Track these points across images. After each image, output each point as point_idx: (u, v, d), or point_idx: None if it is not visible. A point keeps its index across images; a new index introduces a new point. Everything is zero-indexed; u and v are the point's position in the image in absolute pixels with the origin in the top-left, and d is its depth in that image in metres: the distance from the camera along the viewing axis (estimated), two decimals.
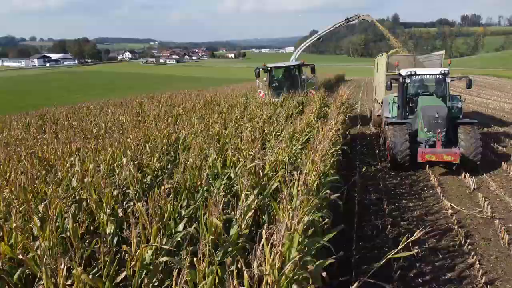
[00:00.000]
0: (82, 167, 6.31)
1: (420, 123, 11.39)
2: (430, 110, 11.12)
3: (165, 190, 4.38)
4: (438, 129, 10.89)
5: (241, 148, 7.34)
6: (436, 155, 10.72)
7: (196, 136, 9.19)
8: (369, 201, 9.70)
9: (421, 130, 11.36)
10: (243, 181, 4.52)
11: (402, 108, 12.57)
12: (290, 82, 18.57)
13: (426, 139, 11.17)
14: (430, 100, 11.74)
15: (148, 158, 6.71)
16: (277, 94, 17.68)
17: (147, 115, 13.64)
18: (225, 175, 6.08)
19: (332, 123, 8.76)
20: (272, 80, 18.88)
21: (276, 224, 3.57)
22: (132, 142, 8.39)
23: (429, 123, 11.05)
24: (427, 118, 11.09)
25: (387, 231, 7.93)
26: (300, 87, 18.25)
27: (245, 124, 10.09)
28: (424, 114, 11.18)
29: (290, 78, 18.88)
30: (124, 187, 5.37)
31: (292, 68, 18.91)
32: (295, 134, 8.24)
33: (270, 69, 18.64)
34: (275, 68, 18.95)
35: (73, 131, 11.43)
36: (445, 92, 12.49)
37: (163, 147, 8.12)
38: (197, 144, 7.23)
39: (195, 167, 5.56)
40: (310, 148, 6.14)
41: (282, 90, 17.91)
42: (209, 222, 3.67)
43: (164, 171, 7.19)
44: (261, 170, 5.21)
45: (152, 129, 9.43)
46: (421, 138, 11.41)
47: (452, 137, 11.35)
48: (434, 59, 17.22)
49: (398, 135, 11.11)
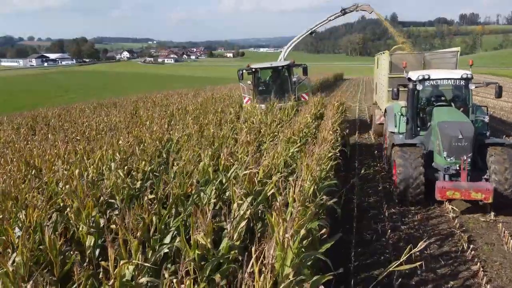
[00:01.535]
0: (68, 171, 6.01)
1: (437, 144, 8.76)
2: (451, 128, 8.38)
3: (148, 202, 4.07)
4: (463, 156, 8.24)
5: (236, 151, 7.05)
6: (461, 192, 7.95)
7: (189, 137, 8.91)
8: (368, 204, 9.43)
9: (438, 154, 8.69)
10: (236, 189, 4.22)
11: (412, 123, 9.86)
12: (279, 85, 16.21)
13: (446, 166, 8.50)
14: (449, 113, 9.04)
15: (138, 161, 6.41)
16: (263, 99, 15.48)
17: (141, 115, 13.34)
18: (218, 179, 5.80)
19: (329, 124, 8.47)
20: (258, 83, 16.49)
21: (269, 238, 3.29)
22: (123, 144, 8.12)
23: (450, 146, 8.36)
24: (447, 139, 8.39)
25: (387, 236, 7.65)
26: (290, 90, 15.88)
27: (241, 125, 9.81)
28: (443, 133, 8.46)
29: (278, 80, 16.41)
30: (109, 194, 5.08)
31: (281, 69, 16.29)
32: (292, 136, 7.95)
33: (255, 71, 16.09)
34: (261, 69, 16.44)
35: (64, 133, 11.14)
36: (467, 102, 9.77)
37: (155, 149, 7.83)
38: (190, 147, 6.94)
39: (185, 173, 5.26)
40: (306, 152, 5.84)
41: (269, 95, 15.69)
42: (193, 240, 3.36)
43: (156, 174, 6.92)
44: (255, 177, 4.91)
45: (144, 130, 9.13)
46: (438, 164, 8.77)
47: (477, 161, 8.72)
48: (447, 58, 14.24)
49: (410, 164, 8.52)
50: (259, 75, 16.49)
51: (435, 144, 8.83)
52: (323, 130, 8.16)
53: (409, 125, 9.90)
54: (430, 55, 14.46)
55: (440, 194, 8.07)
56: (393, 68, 13.78)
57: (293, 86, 15.98)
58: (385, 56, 14.85)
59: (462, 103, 9.84)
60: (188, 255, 3.27)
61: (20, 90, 68.13)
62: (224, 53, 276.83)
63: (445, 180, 8.48)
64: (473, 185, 8.09)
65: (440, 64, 13.64)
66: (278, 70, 16.39)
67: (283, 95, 15.62)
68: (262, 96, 15.82)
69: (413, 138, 9.79)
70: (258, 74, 16.32)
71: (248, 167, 5.11)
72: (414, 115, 9.92)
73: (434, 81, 9.61)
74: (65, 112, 17.42)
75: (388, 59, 14.00)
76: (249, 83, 16.44)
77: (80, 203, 4.43)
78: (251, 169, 4.87)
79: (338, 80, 66.96)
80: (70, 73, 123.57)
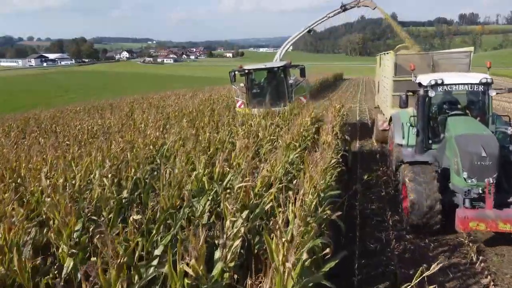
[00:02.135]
0: (53, 180, 5.63)
1: (454, 162, 7.34)
2: (472, 144, 7.01)
3: (133, 223, 3.69)
4: (487, 177, 6.82)
5: (232, 158, 6.68)
6: (486, 223, 6.68)
7: (184, 141, 8.53)
8: (371, 211, 9.07)
9: (456, 174, 7.26)
10: (228, 205, 3.84)
11: (423, 135, 8.45)
12: (274, 88, 14.92)
13: (466, 189, 7.09)
14: (467, 125, 7.75)
15: (128, 168, 6.03)
16: (258, 103, 14.28)
17: (136, 118, 12.95)
18: (213, 189, 5.42)
19: (330, 128, 8.08)
20: (252, 85, 15.10)
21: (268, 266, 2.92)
22: (115, 149, 7.74)
23: (471, 166, 6.96)
24: (467, 157, 7.00)
25: (392, 246, 7.30)
26: (286, 94, 14.67)
27: (237, 129, 9.43)
28: (463, 149, 7.09)
29: (273, 83, 15.07)
30: (94, 207, 4.71)
31: (276, 70, 14.92)
32: (292, 142, 7.58)
33: (248, 72, 14.74)
34: (255, 71, 15.10)
35: (56, 136, 10.76)
36: (487, 110, 8.44)
37: (147, 154, 7.46)
38: (184, 153, 6.55)
39: (176, 182, 4.87)
40: (307, 160, 5.46)
41: (264, 98, 14.45)
42: (179, 270, 2.98)
43: (146, 181, 6.55)
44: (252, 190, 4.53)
45: (137, 135, 8.74)
46: (456, 186, 7.34)
47: (501, 182, 7.26)
48: (458, 59, 12.61)
49: (424, 189, 7.21)
50: (253, 77, 15.24)
51: (452, 162, 7.43)
52: (324, 134, 7.77)
53: (419, 137, 8.46)
54: (439, 55, 12.98)
55: (462, 225, 6.77)
56: (398, 70, 12.40)
57: (290, 89, 14.83)
58: (389, 57, 13.31)
59: (480, 111, 8.54)
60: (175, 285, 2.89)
61: (20, 90, 67.89)
62: (223, 53, 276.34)
63: (465, 206, 7.10)
64: (500, 214, 6.75)
65: (450, 66, 12.16)
66: (273, 71, 15.08)
67: (279, 98, 14.60)
68: (256, 100, 14.68)
69: (424, 152, 8.42)
70: (251, 76, 15.08)
71: (245, 178, 4.73)
72: (425, 126, 8.49)
73: (448, 87, 8.30)
74: (59, 114, 17.03)
75: (393, 60, 12.56)
76: (242, 86, 15.21)
77: (61, 220, 4.05)
78: (247, 181, 4.49)
79: (338, 80, 66.63)
80: (69, 73, 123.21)
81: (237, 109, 14.76)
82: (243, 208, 4.12)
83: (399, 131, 9.63)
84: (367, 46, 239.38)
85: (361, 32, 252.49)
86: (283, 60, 17.04)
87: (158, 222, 4.24)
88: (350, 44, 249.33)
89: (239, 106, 14.89)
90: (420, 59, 12.49)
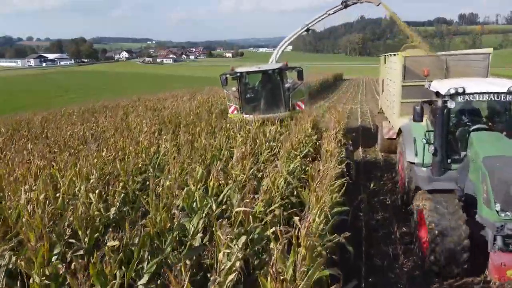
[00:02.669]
0: (34, 194, 5.15)
1: (483, 191, 5.97)
2: (507, 169, 5.79)
3: (109, 252, 3.22)
4: None
5: (230, 168, 6.22)
6: None
7: (180, 148, 8.07)
8: (376, 222, 8.60)
9: (486, 205, 5.92)
10: (220, 235, 3.37)
11: (441, 154, 7.08)
12: (269, 93, 13.73)
13: (499, 225, 5.76)
14: (497, 143, 6.52)
15: (114, 182, 5.55)
16: (252, 109, 13.36)
17: (130, 122, 12.43)
18: (207, 205, 4.95)
19: (333, 135, 7.59)
20: (245, 90, 13.92)
21: None
22: (105, 157, 7.28)
23: (506, 197, 5.70)
24: (501, 186, 5.73)
25: (400, 261, 6.84)
26: (283, 98, 13.50)
27: (235, 134, 8.98)
28: (494, 175, 5.81)
29: (268, 86, 13.84)
30: (75, 228, 4.24)
31: (271, 73, 13.62)
32: (292, 150, 7.11)
33: (240, 75, 13.44)
34: (248, 74, 13.86)
35: (46, 142, 10.27)
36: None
37: (139, 164, 7.00)
38: (177, 163, 6.07)
39: (163, 205, 4.36)
40: (311, 173, 5.00)
41: (259, 103, 13.53)
42: None
43: (137, 192, 6.09)
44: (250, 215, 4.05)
45: (129, 141, 8.25)
46: (486, 219, 5.95)
47: None
48: (475, 61, 11.06)
49: (448, 220, 6.01)
50: (246, 80, 13.98)
51: (479, 189, 6.08)
52: (326, 141, 7.29)
53: (438, 157, 7.08)
54: (453, 57, 11.48)
55: (497, 274, 5.60)
56: (407, 73, 10.94)
57: (286, 93, 13.57)
58: (396, 59, 11.79)
59: (507, 125, 7.21)
60: None
61: (20, 90, 67.42)
62: (223, 53, 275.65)
63: (500, 249, 5.74)
64: None
65: (466, 69, 10.78)
66: (268, 74, 13.75)
67: (274, 104, 13.48)
68: (250, 106, 13.62)
69: (443, 174, 7.10)
70: (244, 79, 13.79)
71: (244, 195, 4.26)
72: (444, 143, 7.10)
73: (470, 96, 6.83)
74: (52, 117, 16.49)
75: (402, 62, 11.00)
76: (234, 90, 13.96)
77: (35, 245, 3.58)
78: (247, 202, 4.03)
79: (338, 80, 66.19)
80: (69, 73, 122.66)
81: (229, 115, 13.80)
82: (240, 235, 3.65)
83: (411, 147, 8.15)
84: (367, 46, 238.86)
85: (361, 32, 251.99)
86: (279, 62, 15.52)
87: (144, 248, 3.77)
88: (350, 44, 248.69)
89: (231, 112, 13.88)
90: (431, 62, 11.24)
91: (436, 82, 7.78)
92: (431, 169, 7.23)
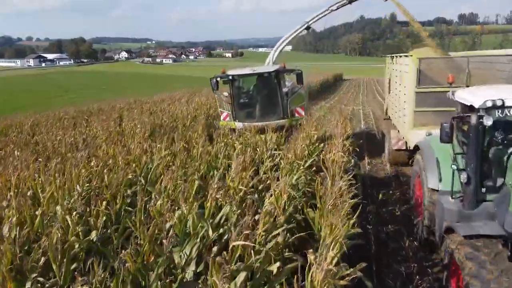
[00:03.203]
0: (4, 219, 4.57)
1: None
2: None
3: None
4: None
5: (228, 182, 5.64)
6: None
7: (174, 155, 7.50)
8: (386, 235, 8.02)
9: None
10: (216, 280, 2.79)
11: (475, 182, 5.63)
12: (265, 98, 12.34)
13: None
14: None
15: (96, 202, 4.95)
16: (246, 116, 12.22)
17: (124, 127, 11.84)
18: (203, 229, 4.37)
19: (340, 144, 6.98)
20: (238, 94, 12.55)
21: None
22: (92, 169, 6.71)
23: None
24: None
25: (415, 282, 6.26)
26: (280, 104, 12.08)
27: (234, 142, 8.40)
28: None
29: (264, 91, 12.41)
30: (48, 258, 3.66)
31: (267, 76, 12.12)
32: (296, 160, 6.53)
33: (232, 79, 12.07)
34: (240, 77, 12.47)
35: (34, 149, 9.68)
36: None
37: (129, 175, 6.42)
38: (171, 179, 5.48)
39: (152, 230, 3.78)
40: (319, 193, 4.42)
41: (253, 110, 12.33)
42: None
43: (126, 208, 5.52)
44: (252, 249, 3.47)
45: (120, 149, 7.65)
46: None
47: None
48: (499, 64, 9.25)
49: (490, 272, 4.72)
50: (239, 84, 12.60)
51: None
52: (333, 151, 6.69)
53: (471, 185, 5.61)
54: (476, 59, 9.79)
55: None
56: (422, 78, 9.44)
57: (284, 98, 12.07)
58: (409, 61, 10.08)
59: None
60: None
61: (20, 90, 66.95)
62: (223, 53, 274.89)
63: None
64: None
65: (487, 73, 9.25)
66: (264, 77, 12.21)
67: (271, 110, 12.15)
68: (243, 112, 12.34)
69: (477, 207, 5.65)
70: (237, 83, 12.41)
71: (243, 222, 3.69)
72: (479, 169, 5.61)
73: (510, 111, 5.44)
74: (45, 119, 15.84)
75: (416, 66, 9.43)
76: (226, 95, 12.60)
77: None
78: (246, 233, 3.46)
79: (338, 80, 65.70)
80: (69, 73, 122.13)
81: (221, 122, 12.51)
82: (238, 271, 3.08)
83: (433, 171, 6.51)
84: (366, 46, 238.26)
85: (361, 32, 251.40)
86: (276, 63, 13.91)
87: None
88: (350, 44, 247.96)
89: (223, 118, 12.55)
90: (448, 64, 9.75)
91: (462, 91, 6.37)
92: (462, 200, 5.77)
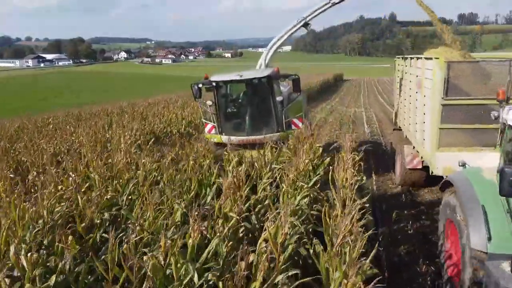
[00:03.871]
0: None
1: None
2: None
3: None
4: None
5: (216, 209, 4.83)
6: None
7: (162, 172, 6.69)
8: (399, 258, 7.20)
9: None
10: None
11: None
12: (255, 108, 10.29)
13: None
14: None
15: (61, 237, 4.13)
16: (234, 129, 10.34)
17: (111, 135, 11.02)
18: (187, 276, 3.56)
19: (350, 159, 6.16)
20: (225, 103, 10.51)
21: None
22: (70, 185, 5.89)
23: None
24: None
25: None
26: (274, 115, 10.08)
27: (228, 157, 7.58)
28: None
29: (254, 100, 10.38)
30: None
31: (257, 82, 10.14)
32: (298, 181, 5.72)
33: (217, 85, 10.07)
34: (226, 84, 10.36)
35: (13, 160, 8.88)
36: None
37: (107, 195, 5.61)
38: (152, 204, 4.65)
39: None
40: (329, 228, 3.62)
41: (242, 121, 10.37)
42: None
43: (103, 236, 4.71)
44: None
45: (102, 162, 6.83)
46: None
47: None
48: None
49: None
50: (226, 91, 10.51)
51: None
52: (342, 167, 5.88)
53: None
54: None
55: None
56: (451, 88, 7.42)
57: (278, 108, 10.02)
58: (433, 65, 7.91)
59: None
60: None
61: (15, 92, 66.36)
62: (222, 53, 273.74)
63: None
64: None
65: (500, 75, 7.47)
66: (253, 84, 10.22)
67: (263, 122, 10.16)
68: (230, 124, 10.43)
69: None
70: (223, 90, 10.34)
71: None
72: None
73: None
74: (33, 124, 15.01)
75: (443, 72, 7.35)
76: (210, 104, 10.42)
77: None
78: None
79: (338, 81, 65.17)
80: (67, 73, 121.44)
81: (205, 135, 10.63)
82: None
83: (480, 225, 4.56)
84: (366, 46, 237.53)
85: (360, 32, 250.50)
86: (270, 66, 11.54)
87: None
88: (349, 44, 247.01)
89: (208, 131, 10.60)
90: (485, 70, 7.72)
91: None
92: None
